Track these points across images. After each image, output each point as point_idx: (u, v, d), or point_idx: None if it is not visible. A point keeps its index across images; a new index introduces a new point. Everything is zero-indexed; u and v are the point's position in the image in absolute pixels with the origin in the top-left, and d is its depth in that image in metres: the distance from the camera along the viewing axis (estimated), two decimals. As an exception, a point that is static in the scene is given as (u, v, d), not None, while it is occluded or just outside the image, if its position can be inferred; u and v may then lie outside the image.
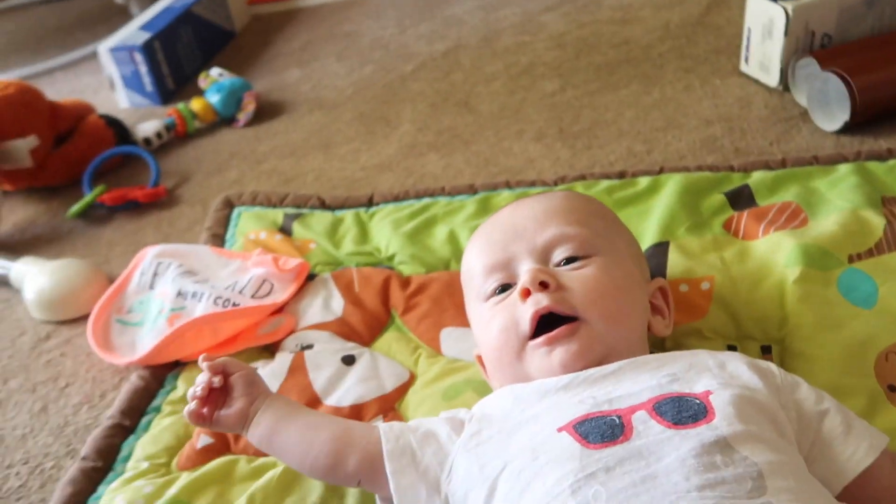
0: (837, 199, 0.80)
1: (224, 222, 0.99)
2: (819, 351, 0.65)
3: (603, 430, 0.49)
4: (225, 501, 0.62)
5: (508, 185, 0.95)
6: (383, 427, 0.56)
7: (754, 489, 0.44)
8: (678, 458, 0.45)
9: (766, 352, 0.68)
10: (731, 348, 0.68)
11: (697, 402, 0.50)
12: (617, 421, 0.49)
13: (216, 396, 0.59)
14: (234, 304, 0.80)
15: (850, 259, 0.73)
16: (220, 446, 0.68)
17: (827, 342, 0.65)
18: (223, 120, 1.31)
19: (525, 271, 0.60)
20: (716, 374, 0.53)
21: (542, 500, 0.46)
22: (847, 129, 0.97)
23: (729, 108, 1.09)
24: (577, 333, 0.56)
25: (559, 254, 0.61)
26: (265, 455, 0.66)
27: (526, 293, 0.58)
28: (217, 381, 0.58)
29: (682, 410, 0.49)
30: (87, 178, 1.15)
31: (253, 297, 0.82)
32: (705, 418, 0.48)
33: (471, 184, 0.97)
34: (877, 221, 0.75)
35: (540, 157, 1.07)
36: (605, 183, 0.91)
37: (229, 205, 1.02)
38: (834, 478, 0.51)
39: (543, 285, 0.58)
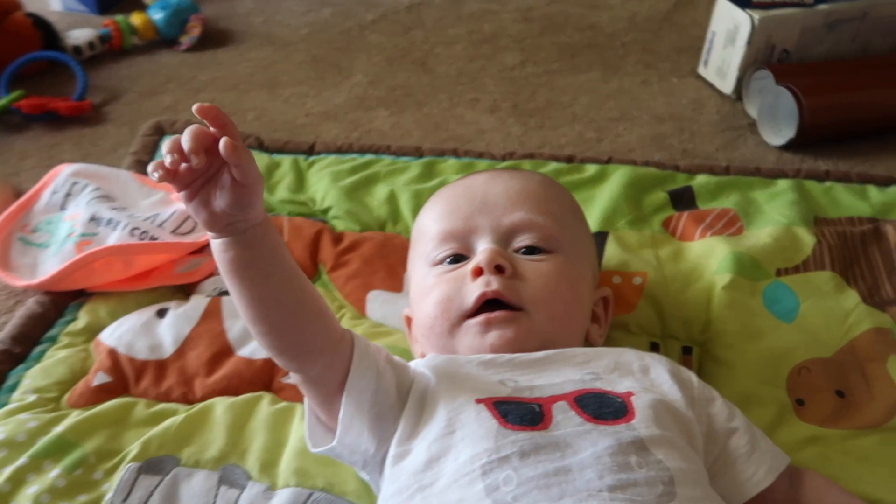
0: (774, 213, 0.81)
1: (152, 149, 0.93)
2: (738, 358, 0.66)
3: (522, 413, 0.48)
4: (117, 445, 0.58)
5: (456, 153, 0.93)
6: (358, 348, 0.50)
7: (664, 494, 0.44)
8: (594, 454, 0.45)
9: (686, 352, 0.69)
10: (654, 346, 0.69)
11: (619, 400, 0.50)
12: (537, 409, 0.49)
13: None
14: (152, 238, 0.75)
15: (778, 272, 0.74)
16: (119, 387, 0.64)
17: (746, 351, 0.67)
18: (164, 40, 1.23)
19: (483, 250, 0.58)
20: (638, 379, 0.53)
21: (451, 477, 0.46)
22: (790, 147, 0.99)
23: (682, 109, 1.09)
24: (517, 322, 0.55)
25: (522, 240, 0.59)
26: (166, 400, 0.63)
27: (478, 272, 0.56)
28: (196, 161, 0.43)
29: (603, 406, 0.49)
30: (4, 80, 1.06)
31: (174, 232, 0.78)
32: (625, 417, 0.48)
33: (418, 146, 0.94)
34: (808, 239, 0.77)
35: (491, 129, 1.05)
36: (552, 165, 0.90)
37: (160, 131, 0.96)
38: (733, 494, 0.52)
39: (499, 269, 0.56)
